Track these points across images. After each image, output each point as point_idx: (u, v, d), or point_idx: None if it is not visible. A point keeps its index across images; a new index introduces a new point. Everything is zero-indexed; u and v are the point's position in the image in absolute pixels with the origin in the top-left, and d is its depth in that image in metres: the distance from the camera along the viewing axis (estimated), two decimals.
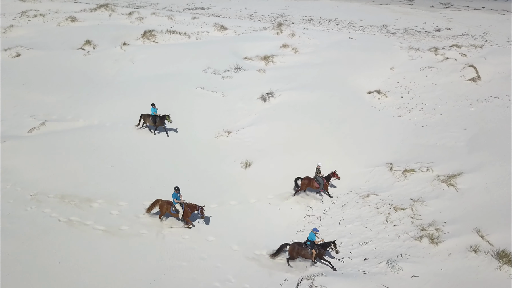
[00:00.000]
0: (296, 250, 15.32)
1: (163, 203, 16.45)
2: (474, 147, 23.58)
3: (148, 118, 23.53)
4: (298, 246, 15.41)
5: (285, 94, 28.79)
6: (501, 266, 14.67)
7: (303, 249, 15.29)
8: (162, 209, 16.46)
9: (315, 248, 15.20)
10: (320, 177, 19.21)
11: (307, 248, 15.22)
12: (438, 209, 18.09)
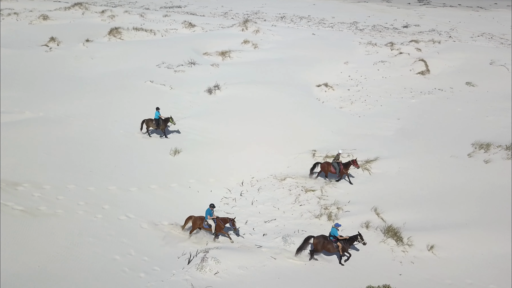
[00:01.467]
0: (321, 243, 15.06)
1: (195, 219, 16.50)
2: (401, 135, 24.73)
3: (151, 123, 23.46)
4: (323, 239, 15.15)
5: (232, 88, 29.87)
6: (386, 239, 15.77)
7: (329, 242, 15.07)
8: (194, 225, 16.51)
9: (340, 242, 15.03)
10: (337, 163, 19.76)
11: (332, 242, 15.02)
12: (347, 191, 19.19)
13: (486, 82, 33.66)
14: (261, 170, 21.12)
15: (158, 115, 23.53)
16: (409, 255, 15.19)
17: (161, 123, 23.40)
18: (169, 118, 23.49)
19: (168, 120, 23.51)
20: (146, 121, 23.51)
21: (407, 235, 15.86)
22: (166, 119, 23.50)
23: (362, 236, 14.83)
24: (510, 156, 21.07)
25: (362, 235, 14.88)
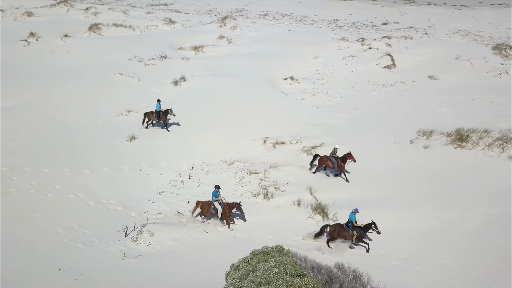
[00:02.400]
0: (337, 231, 15.42)
1: (203, 204, 16.70)
2: (352, 124, 25.81)
3: (152, 115, 23.82)
4: (339, 227, 15.48)
5: (197, 80, 30.94)
6: (314, 215, 16.87)
7: (344, 230, 15.39)
8: (203, 210, 16.69)
9: (356, 229, 15.33)
10: (335, 158, 19.74)
11: (349, 230, 15.35)
12: (289, 173, 20.26)
13: (448, 75, 34.75)
14: (212, 155, 22.18)
15: (158, 107, 23.66)
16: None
17: (162, 115, 23.58)
18: (168, 111, 23.56)
19: (168, 113, 23.60)
20: (147, 114, 23.85)
21: (334, 211, 16.96)
22: (166, 111, 23.60)
23: (376, 225, 15.18)
24: (449, 142, 22.16)
25: (376, 224, 15.21)
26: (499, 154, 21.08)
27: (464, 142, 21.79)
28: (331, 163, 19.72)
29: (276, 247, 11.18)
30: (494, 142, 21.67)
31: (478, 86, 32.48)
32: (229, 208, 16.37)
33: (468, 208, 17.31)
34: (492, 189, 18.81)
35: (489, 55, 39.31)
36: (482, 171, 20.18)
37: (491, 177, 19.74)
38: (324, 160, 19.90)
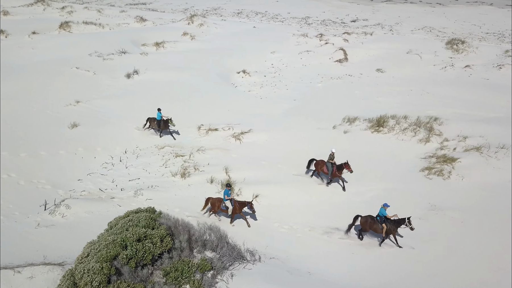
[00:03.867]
0: (368, 223, 15.26)
1: (214, 201, 16.72)
2: (287, 114, 27.31)
3: (153, 122, 24.19)
4: (370, 219, 15.28)
5: (150, 73, 32.46)
6: (221, 191, 18.35)
7: (375, 222, 15.17)
8: (214, 206, 16.71)
9: (386, 223, 15.02)
10: (331, 164, 18.96)
11: (378, 223, 15.12)
12: (213, 156, 21.75)
13: (395, 69, 36.33)
14: (146, 141, 23.68)
15: (160, 116, 23.97)
16: None
17: (162, 124, 23.86)
18: (169, 120, 23.77)
19: (168, 122, 23.80)
20: (150, 120, 24.28)
21: (241, 187, 18.47)
22: (166, 120, 23.87)
23: (410, 221, 14.71)
24: (368, 127, 23.69)
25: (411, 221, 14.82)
26: (411, 138, 22.62)
27: (381, 127, 23.30)
28: (326, 169, 19.09)
29: (147, 208, 12.71)
30: (408, 127, 23.19)
31: (421, 78, 34.04)
32: (239, 206, 16.34)
33: (365, 184, 18.84)
34: (396, 168, 20.34)
35: (440, 50, 40.90)
36: (393, 152, 21.70)
37: (399, 157, 21.27)
38: (320, 164, 19.26)
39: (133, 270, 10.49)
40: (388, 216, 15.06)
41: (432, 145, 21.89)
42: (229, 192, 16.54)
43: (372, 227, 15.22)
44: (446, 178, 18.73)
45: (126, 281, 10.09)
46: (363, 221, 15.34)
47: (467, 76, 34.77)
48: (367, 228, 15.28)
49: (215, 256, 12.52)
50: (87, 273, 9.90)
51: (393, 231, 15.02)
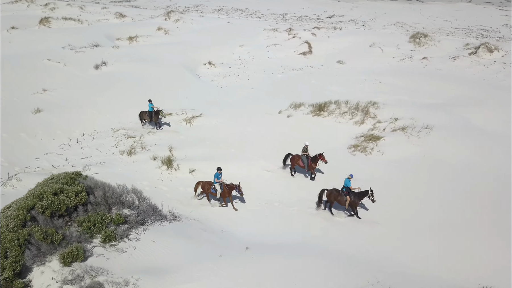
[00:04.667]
0: (333, 195, 16.04)
1: (204, 184, 17.16)
2: (241, 101, 29.00)
3: (145, 115, 24.62)
4: (335, 192, 15.99)
5: (118, 65, 34.12)
6: (161, 166, 20.05)
7: (339, 195, 15.91)
8: (204, 189, 17.17)
9: (350, 195, 15.71)
10: (306, 156, 19.34)
11: (343, 195, 15.90)
12: (161, 137, 23.45)
13: (355, 60, 38.04)
14: (105, 125, 25.37)
15: (151, 107, 24.50)
16: (173, 176, 19.48)
17: (153, 115, 24.31)
18: (159, 111, 24.20)
19: (159, 113, 24.22)
20: (141, 114, 24.76)
21: (179, 163, 20.17)
22: (157, 112, 24.31)
23: (372, 192, 15.60)
24: (311, 111, 25.39)
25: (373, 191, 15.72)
26: (348, 120, 24.35)
27: (322, 112, 25.01)
28: (302, 162, 19.44)
29: (74, 172, 14.40)
30: (347, 111, 24.90)
31: (378, 69, 35.76)
32: (229, 189, 16.83)
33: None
34: (329, 147, 21.95)
35: (403, 43, 42.63)
36: (329, 133, 23.40)
37: (334, 137, 22.96)
38: (296, 158, 19.57)
39: (48, 219, 12.17)
40: (351, 188, 15.99)
41: (366, 126, 23.62)
42: (219, 175, 17.02)
43: (336, 199, 16.00)
44: (367, 154, 20.46)
45: (39, 226, 11.77)
46: (328, 193, 16.16)
47: (422, 67, 36.49)
48: (333, 200, 16.07)
49: (133, 213, 14.22)
50: (5, 219, 11.59)
51: (357, 203, 15.80)
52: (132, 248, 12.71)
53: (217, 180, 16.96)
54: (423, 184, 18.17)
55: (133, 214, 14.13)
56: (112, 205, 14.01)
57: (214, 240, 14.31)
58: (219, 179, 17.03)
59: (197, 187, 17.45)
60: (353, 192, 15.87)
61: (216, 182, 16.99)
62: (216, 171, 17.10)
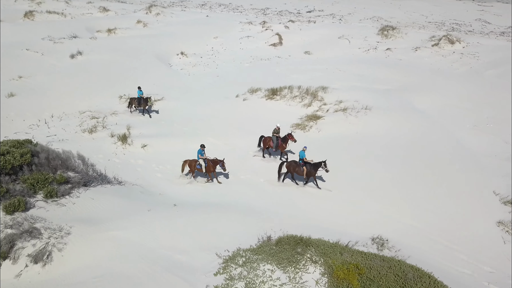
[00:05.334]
0: (292, 167, 17.15)
1: (191, 162, 17.81)
2: (204, 87, 30.83)
3: (134, 101, 25.41)
4: (294, 163, 17.06)
5: (93, 54, 35.96)
6: (117, 142, 21.91)
7: (297, 166, 16.99)
8: (191, 167, 17.80)
9: (306, 166, 16.82)
10: (276, 138, 19.91)
11: (300, 166, 17.03)
12: (123, 118, 25.31)
13: (322, 51, 39.89)
14: (74, 108, 27.22)
15: (140, 94, 25.25)
16: (127, 150, 21.35)
17: (142, 102, 25.15)
18: (148, 99, 25.06)
19: (148, 100, 25.06)
20: (131, 100, 25.75)
21: (133, 139, 22.03)
22: (146, 98, 25.11)
23: (326, 164, 16.85)
24: (265, 96, 27.25)
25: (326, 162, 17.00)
26: (298, 103, 26.20)
27: (275, 96, 26.87)
28: (272, 143, 19.98)
29: (25, 139, 16.28)
30: (298, 95, 26.77)
31: (342, 59, 37.60)
32: (213, 164, 17.61)
33: (242, 136, 22.34)
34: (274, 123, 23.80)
35: (372, 35, 44.48)
36: (279, 115, 25.18)
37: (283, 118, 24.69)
38: (268, 140, 20.05)
39: None
40: (305, 160, 17.23)
41: (312, 108, 25.48)
42: (202, 152, 17.93)
43: (295, 170, 17.20)
44: (306, 131, 22.35)
45: None
46: (287, 165, 17.41)
47: (384, 57, 38.34)
48: (292, 171, 17.28)
49: (77, 176, 16.11)
50: None
51: (313, 173, 17.03)
52: (71, 203, 14.59)
53: (201, 156, 17.87)
54: (352, 155, 20.04)
55: (77, 177, 16.03)
56: (57, 168, 15.90)
57: (148, 200, 16.19)
58: (202, 155, 17.97)
59: (184, 165, 18.22)
60: (309, 163, 17.14)
61: (200, 158, 17.91)
62: (199, 147, 18.06)
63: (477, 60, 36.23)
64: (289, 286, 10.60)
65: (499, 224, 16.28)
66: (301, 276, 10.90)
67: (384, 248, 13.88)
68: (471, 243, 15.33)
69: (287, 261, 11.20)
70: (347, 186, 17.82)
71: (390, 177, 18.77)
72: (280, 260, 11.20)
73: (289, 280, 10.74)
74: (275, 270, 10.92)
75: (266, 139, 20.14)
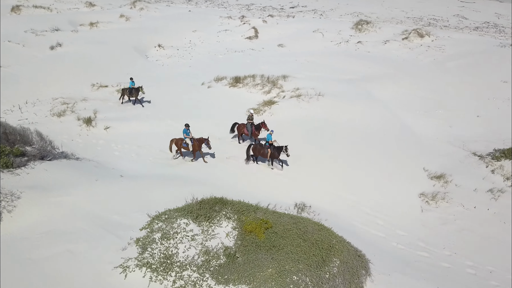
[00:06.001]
0: (257, 149, 18.14)
1: (177, 141, 18.43)
2: (176, 76, 32.26)
3: (126, 92, 25.94)
4: (259, 146, 18.03)
5: (72, 46, 37.38)
6: (82, 124, 23.37)
7: (262, 148, 17.95)
8: (177, 145, 18.50)
9: (270, 148, 17.75)
10: (250, 124, 20.49)
11: (265, 148, 17.96)
12: (92, 104, 26.74)
13: (295, 44, 41.30)
14: (48, 95, 28.67)
15: (131, 85, 25.92)
16: (90, 132, 22.82)
17: (134, 92, 25.71)
18: (139, 88, 25.65)
19: (139, 90, 25.63)
20: (122, 90, 26.32)
21: (97, 122, 23.49)
22: (137, 88, 25.67)
23: (287, 148, 17.89)
24: (229, 83, 28.72)
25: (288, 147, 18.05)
26: (258, 90, 27.67)
27: (238, 83, 28.33)
28: (246, 130, 20.63)
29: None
30: (260, 83, 28.23)
31: (313, 51, 39.01)
32: (198, 142, 18.40)
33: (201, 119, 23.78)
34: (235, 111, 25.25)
35: (346, 29, 45.88)
36: (239, 101, 26.65)
37: (242, 104, 26.21)
38: (242, 127, 20.70)
39: None
40: (271, 142, 18.40)
41: (271, 95, 26.94)
42: (188, 131, 18.81)
43: (260, 152, 18.26)
44: (259, 115, 23.81)
45: None
46: (253, 147, 18.56)
47: (354, 50, 39.77)
48: (257, 153, 18.38)
49: (34, 150, 17.59)
50: None
51: (276, 155, 18.08)
52: (25, 173, 16.04)
53: (186, 136, 18.74)
54: (298, 136, 21.50)
55: (34, 150, 17.51)
56: (16, 142, 17.38)
57: (100, 173, 17.67)
58: (188, 134, 18.79)
59: (171, 144, 18.97)
60: (273, 146, 18.27)
61: (186, 137, 18.71)
62: (184, 127, 18.91)
63: (442, 53, 37.66)
64: (201, 236, 12.08)
65: (420, 195, 17.78)
66: (213, 229, 12.39)
67: (304, 212, 15.38)
68: (391, 211, 16.83)
69: (204, 217, 12.69)
70: (291, 163, 19.29)
71: (331, 154, 20.25)
72: (197, 216, 12.68)
73: (201, 232, 12.23)
74: (190, 223, 12.41)
75: (240, 126, 20.86)
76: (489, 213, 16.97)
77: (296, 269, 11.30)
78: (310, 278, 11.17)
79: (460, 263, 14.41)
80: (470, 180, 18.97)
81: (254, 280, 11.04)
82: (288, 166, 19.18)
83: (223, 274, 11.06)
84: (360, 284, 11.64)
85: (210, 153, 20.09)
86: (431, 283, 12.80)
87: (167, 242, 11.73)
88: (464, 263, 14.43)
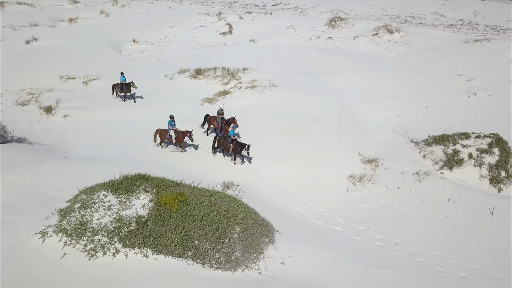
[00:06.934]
0: (221, 142, 18.94)
1: (161, 131, 18.88)
2: (147, 68, 33.31)
3: (117, 87, 26.04)
4: (223, 139, 18.82)
5: (48, 40, 38.50)
6: (42, 113, 24.50)
7: (225, 141, 18.75)
8: (161, 136, 18.98)
9: (233, 143, 18.31)
10: (220, 119, 21.09)
11: (228, 142, 18.62)
12: (58, 94, 27.84)
13: (267, 40, 42.38)
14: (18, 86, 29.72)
15: (122, 80, 25.95)
16: (49, 120, 23.92)
17: (125, 87, 25.75)
18: (130, 83, 25.73)
19: (130, 85, 25.68)
20: (114, 86, 26.40)
21: (58, 111, 24.59)
22: (128, 84, 25.73)
23: (249, 147, 18.44)
24: (190, 75, 29.82)
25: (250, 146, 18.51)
26: (218, 82, 28.80)
27: (199, 75, 29.46)
28: (216, 124, 21.26)
29: None
30: (220, 74, 29.36)
31: (283, 47, 40.10)
32: (182, 135, 18.96)
33: (158, 108, 24.90)
34: (194, 101, 26.35)
35: (320, 26, 46.96)
36: (198, 92, 27.77)
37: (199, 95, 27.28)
38: (212, 119, 21.19)
39: None
40: (233, 137, 18.99)
41: (229, 86, 28.06)
42: (172, 122, 19.28)
43: (223, 145, 19.06)
44: (212, 104, 24.97)
45: None
46: (218, 139, 19.43)
47: (323, 45, 40.89)
48: (220, 145, 19.25)
49: None
50: None
51: (238, 151, 18.67)
52: None
53: (171, 127, 19.20)
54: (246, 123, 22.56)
55: None
56: None
57: (47, 154, 18.80)
58: (172, 126, 19.22)
59: (156, 134, 19.48)
60: (236, 141, 18.97)
61: (170, 129, 19.16)
62: (169, 118, 19.41)
63: (407, 48, 38.75)
64: (117, 206, 13.21)
65: (349, 177, 18.89)
66: (131, 201, 13.51)
67: (229, 189, 16.50)
68: (317, 190, 17.95)
69: (124, 190, 13.81)
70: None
71: (275, 140, 21.24)
72: (116, 189, 13.80)
73: (118, 203, 13.35)
74: (109, 195, 13.54)
75: (211, 119, 21.44)
76: (411, 193, 18.08)
77: (198, 234, 12.43)
78: (209, 243, 12.31)
79: (370, 236, 15.52)
80: (401, 164, 20.06)
81: (158, 244, 12.17)
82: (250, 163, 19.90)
83: (131, 239, 12.19)
84: (260, 250, 12.76)
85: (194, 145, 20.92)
86: (335, 252, 13.92)
87: (84, 211, 12.86)
88: (374, 236, 15.55)
